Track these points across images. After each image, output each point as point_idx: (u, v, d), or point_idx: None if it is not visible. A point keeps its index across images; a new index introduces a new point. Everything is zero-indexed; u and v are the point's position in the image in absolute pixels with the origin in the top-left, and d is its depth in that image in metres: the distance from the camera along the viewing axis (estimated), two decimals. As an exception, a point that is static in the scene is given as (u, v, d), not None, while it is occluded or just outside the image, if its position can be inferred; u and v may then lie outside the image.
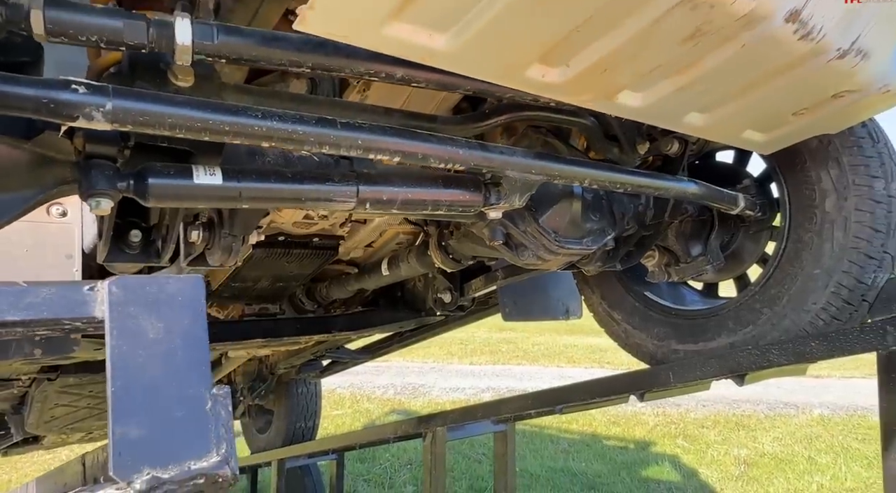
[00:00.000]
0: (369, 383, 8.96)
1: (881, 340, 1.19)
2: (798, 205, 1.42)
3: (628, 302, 1.81)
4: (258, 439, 4.01)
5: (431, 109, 1.28)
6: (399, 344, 2.93)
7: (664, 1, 0.69)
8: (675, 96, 0.92)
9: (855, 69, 0.93)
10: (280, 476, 3.30)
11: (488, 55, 0.74)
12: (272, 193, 0.81)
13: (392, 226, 1.84)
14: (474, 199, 1.01)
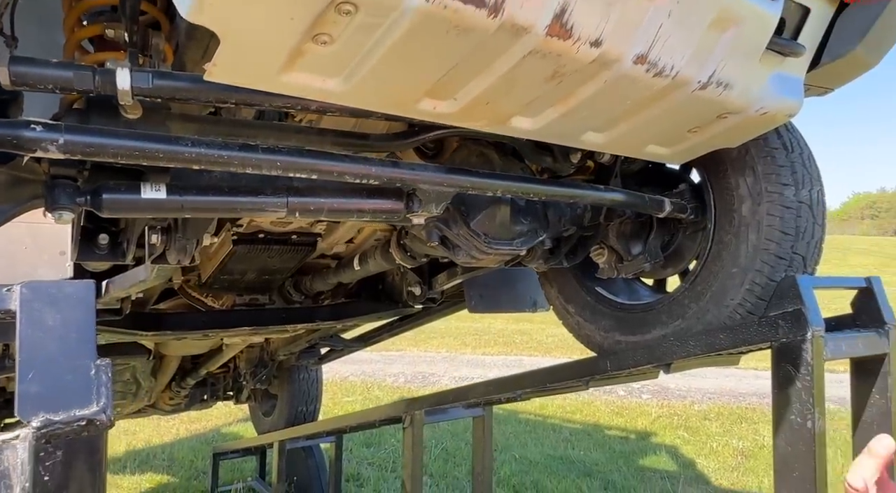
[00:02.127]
0: (381, 372, 9.21)
1: (774, 332, 1.31)
2: (721, 209, 1.54)
3: (581, 296, 1.95)
4: (264, 421, 4.25)
5: (385, 128, 1.43)
6: (388, 333, 3.11)
7: (517, 51, 0.83)
8: (563, 120, 1.06)
9: (721, 97, 1.05)
10: (281, 457, 3.52)
11: (379, 93, 0.89)
12: (210, 204, 0.97)
13: (369, 224, 2.00)
14: (396, 207, 1.16)
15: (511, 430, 6.41)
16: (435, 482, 4.69)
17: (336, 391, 7.90)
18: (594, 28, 0.83)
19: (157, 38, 1.00)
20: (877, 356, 1.41)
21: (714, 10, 0.90)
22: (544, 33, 0.81)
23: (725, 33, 0.95)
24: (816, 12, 1.10)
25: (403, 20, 0.74)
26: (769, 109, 1.14)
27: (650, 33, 0.88)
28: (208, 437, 6.26)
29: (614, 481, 4.86)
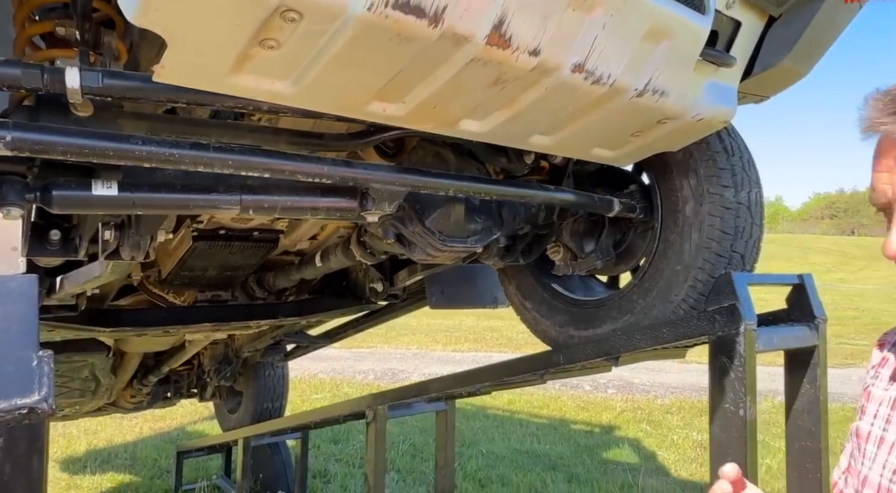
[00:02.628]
0: (350, 369, 9.20)
1: (711, 326, 1.39)
2: (667, 209, 1.62)
3: (538, 292, 2.01)
4: (229, 419, 4.23)
5: (345, 129, 1.46)
6: (354, 330, 3.13)
7: (459, 59, 0.88)
8: (510, 124, 1.11)
9: (658, 104, 1.12)
10: (246, 454, 3.51)
11: (328, 96, 0.92)
12: (163, 202, 0.99)
13: (332, 221, 2.02)
14: (350, 205, 1.20)
15: (479, 425, 6.49)
16: (402, 478, 4.73)
17: (305, 388, 7.87)
18: (532, 38, 0.88)
19: (109, 37, 1.01)
20: (807, 348, 1.50)
21: (646, 22, 0.96)
22: (484, 42, 0.85)
23: (659, 45, 1.01)
24: (747, 25, 1.17)
25: (347, 28, 0.77)
26: (705, 115, 1.21)
27: (586, 44, 0.93)
28: (172, 435, 6.18)
29: (578, 474, 4.97)
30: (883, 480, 0.69)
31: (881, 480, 0.69)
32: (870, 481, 0.71)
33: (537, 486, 4.61)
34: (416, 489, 4.42)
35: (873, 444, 0.72)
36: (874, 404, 0.76)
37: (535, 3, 0.85)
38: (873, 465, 0.71)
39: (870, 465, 0.72)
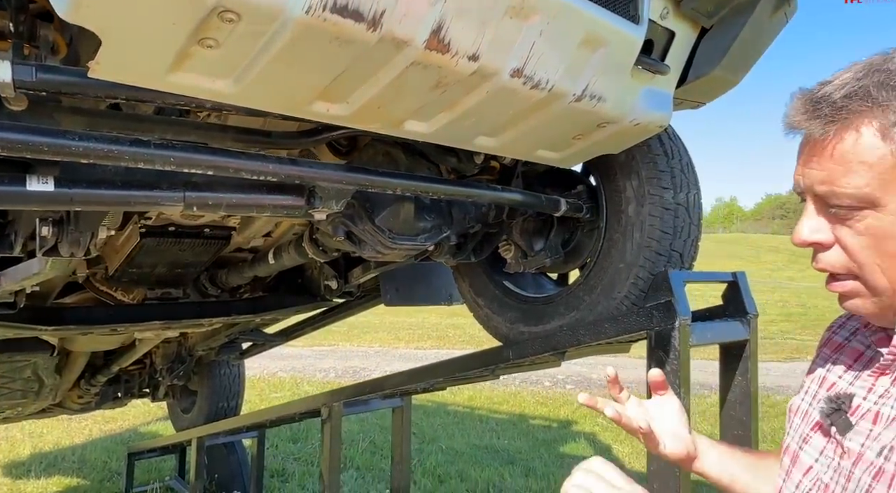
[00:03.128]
0: (311, 367, 9.11)
1: (649, 322, 1.45)
2: (611, 209, 1.68)
3: (490, 290, 2.05)
4: (182, 419, 4.14)
5: (295, 126, 1.46)
6: (311, 327, 3.12)
7: (400, 62, 0.90)
8: (454, 125, 1.14)
9: (597, 108, 1.16)
10: (199, 454, 3.45)
11: (270, 95, 0.93)
12: (102, 198, 0.98)
13: (284, 219, 2.01)
14: (297, 203, 1.20)
15: (439, 422, 6.53)
16: (361, 475, 4.73)
17: (264, 387, 7.76)
18: (471, 44, 0.91)
19: (46, 30, 0.99)
20: (739, 342, 1.58)
21: (582, 31, 1.00)
22: (423, 47, 0.87)
23: (595, 52, 1.06)
24: (681, 36, 1.23)
25: (286, 30, 0.78)
26: (642, 120, 1.27)
27: (524, 50, 0.97)
28: (124, 437, 6.01)
29: (535, 468, 5.06)
30: (797, 447, 0.75)
31: (796, 448, 0.75)
32: (789, 449, 0.77)
33: (495, 481, 4.68)
34: (374, 486, 4.43)
35: (799, 416, 0.78)
36: (808, 382, 0.81)
37: (473, 10, 0.88)
38: (794, 434, 0.77)
39: (793, 434, 0.78)
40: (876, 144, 0.59)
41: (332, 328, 12.13)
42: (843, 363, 0.76)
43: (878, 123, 0.58)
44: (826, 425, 0.70)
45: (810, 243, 0.64)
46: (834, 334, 0.83)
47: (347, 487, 4.44)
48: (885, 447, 0.61)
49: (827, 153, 0.61)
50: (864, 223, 0.60)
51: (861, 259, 0.61)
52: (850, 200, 0.60)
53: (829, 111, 0.60)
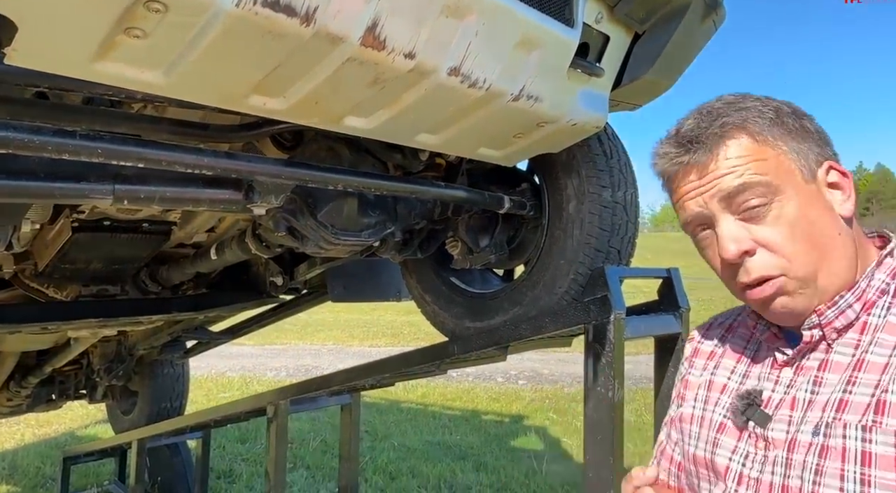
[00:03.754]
0: (262, 366, 8.94)
1: (587, 316, 1.50)
2: (553, 207, 1.72)
3: (437, 286, 2.07)
4: (123, 421, 4.00)
5: (237, 120, 1.43)
6: (258, 324, 3.06)
7: (336, 58, 0.90)
8: (395, 122, 1.15)
9: (534, 108, 1.19)
10: (140, 456, 3.34)
11: (204, 88, 0.92)
12: (21, 190, 0.94)
13: (226, 213, 1.97)
14: (235, 197, 1.19)
15: (392, 419, 6.52)
16: (311, 474, 4.68)
17: (212, 387, 7.57)
18: (407, 41, 0.92)
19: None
20: (672, 336, 1.65)
21: (517, 32, 1.03)
22: (359, 43, 0.88)
23: (531, 53, 1.09)
24: (615, 39, 1.28)
25: (217, 22, 0.77)
26: (579, 120, 1.31)
27: (461, 49, 0.99)
28: (60, 441, 5.74)
29: (486, 462, 5.13)
30: (706, 453, 0.78)
31: (704, 454, 0.78)
32: (697, 457, 0.79)
33: (446, 476, 4.71)
34: (324, 485, 4.39)
35: (696, 424, 0.81)
36: (692, 391, 0.85)
37: (409, 8, 0.89)
38: (698, 442, 0.80)
39: (695, 443, 0.80)
40: (755, 145, 0.68)
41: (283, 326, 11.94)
42: (727, 367, 0.81)
43: (746, 132, 0.69)
44: (741, 422, 0.73)
45: (742, 253, 0.67)
46: (700, 345, 0.89)
47: (297, 486, 4.38)
48: (819, 426, 0.65)
49: (722, 166, 0.68)
50: (774, 214, 0.66)
51: (786, 250, 0.66)
52: (758, 194, 0.66)
53: (705, 138, 0.69)
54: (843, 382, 0.65)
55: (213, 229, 2.19)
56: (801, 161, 0.68)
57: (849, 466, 0.61)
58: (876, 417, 0.61)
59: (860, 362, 0.65)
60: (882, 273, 0.69)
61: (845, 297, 0.68)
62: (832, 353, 0.69)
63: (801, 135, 0.69)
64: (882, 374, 0.63)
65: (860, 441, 0.61)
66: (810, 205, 0.67)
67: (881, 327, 0.66)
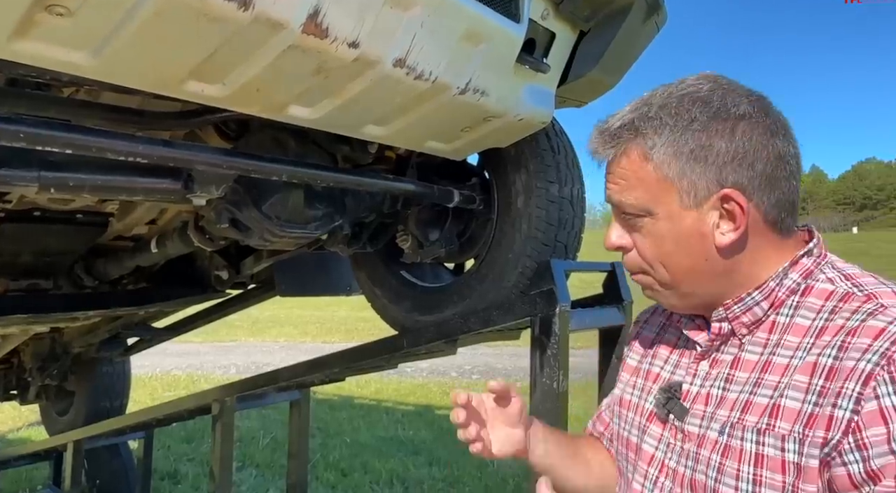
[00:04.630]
0: (210, 364, 8.69)
1: (533, 308, 1.53)
2: (502, 202, 1.74)
3: (387, 280, 2.06)
4: (58, 422, 3.81)
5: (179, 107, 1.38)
6: (203, 320, 2.97)
7: (277, 44, 0.88)
8: (340, 113, 1.13)
9: (481, 102, 1.20)
10: (77, 459, 3.20)
11: (136, 71, 0.88)
12: (-65, 175, 0.89)
13: (164, 203, 1.90)
14: (173, 187, 1.15)
15: (345, 415, 6.47)
16: (260, 473, 4.59)
17: (156, 386, 7.31)
18: (350, 31, 0.91)
19: None
20: (616, 328, 1.70)
21: (463, 25, 1.03)
22: (300, 30, 0.86)
23: (477, 47, 1.09)
24: (561, 37, 1.30)
25: (147, 2, 0.74)
26: (525, 115, 1.33)
27: (406, 41, 0.98)
28: (-10, 445, 5.43)
29: (440, 457, 5.15)
30: (637, 440, 0.81)
31: (636, 440, 0.82)
32: (629, 442, 0.83)
33: (399, 471, 4.71)
34: (274, 484, 4.31)
35: (631, 410, 0.85)
36: (631, 376, 0.89)
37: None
38: (631, 428, 0.83)
39: (628, 428, 0.84)
40: (642, 164, 0.70)
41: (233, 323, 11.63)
42: (661, 356, 0.84)
43: (640, 148, 0.70)
44: (663, 414, 0.76)
45: (616, 247, 0.74)
46: (642, 330, 0.92)
47: (246, 485, 4.29)
48: (724, 425, 0.67)
49: (616, 173, 0.72)
50: (646, 228, 0.71)
51: (648, 258, 0.72)
52: (633, 210, 0.71)
53: (610, 139, 0.72)
54: (751, 383, 0.67)
55: (154, 221, 2.11)
56: (685, 187, 0.67)
57: (744, 466, 0.64)
58: (770, 420, 0.63)
59: (767, 363, 0.67)
60: (795, 273, 0.69)
61: (752, 294, 0.69)
62: (744, 351, 0.70)
63: (701, 157, 0.67)
64: (782, 376, 0.65)
65: (755, 444, 0.64)
66: (679, 230, 0.69)
67: (787, 327, 0.67)
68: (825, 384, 0.61)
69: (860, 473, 0.57)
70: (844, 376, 0.59)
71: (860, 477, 0.57)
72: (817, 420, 0.60)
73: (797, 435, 0.61)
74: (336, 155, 1.64)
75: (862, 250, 41.07)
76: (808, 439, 0.60)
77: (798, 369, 0.64)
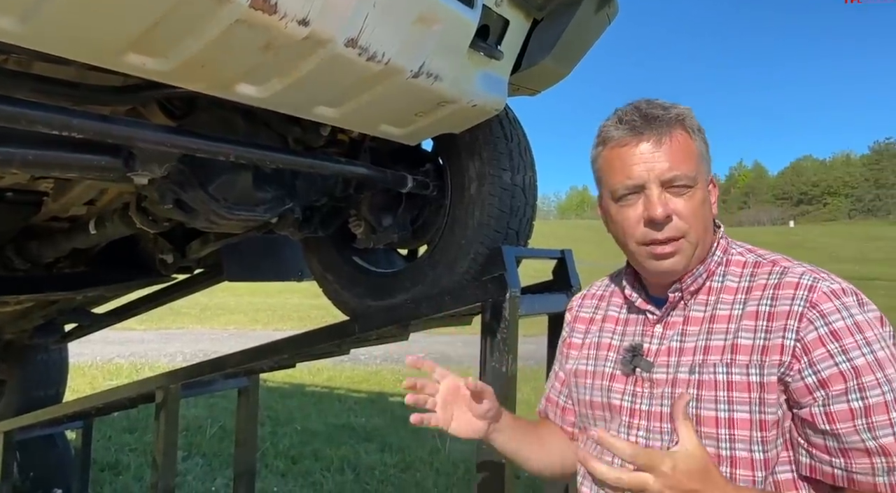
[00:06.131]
0: (155, 352, 8.41)
1: (484, 294, 1.54)
2: (455, 188, 1.74)
3: (339, 265, 2.04)
4: (-13, 412, 3.62)
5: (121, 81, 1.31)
6: (146, 306, 2.87)
7: (224, 18, 0.85)
8: (290, 92, 1.11)
9: (434, 86, 1.20)
10: (7, 450, 3.05)
11: (69, 40, 0.84)
12: None
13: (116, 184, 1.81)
14: (112, 164, 1.10)
15: (296, 403, 6.39)
16: (207, 462, 4.49)
17: (97, 375, 7.03)
18: (300, 8, 0.89)
19: None
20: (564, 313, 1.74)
21: (416, 8, 1.02)
22: (248, 5, 0.84)
23: (430, 30, 1.09)
24: (514, 24, 1.31)
25: (81, -35, 0.71)
26: (478, 102, 1.33)
27: (358, 20, 0.97)
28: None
29: (392, 443, 5.17)
30: (602, 398, 0.95)
31: (601, 399, 0.96)
32: (594, 402, 0.97)
33: (350, 458, 4.70)
34: (222, 473, 4.23)
35: (590, 378, 0.99)
36: (579, 351, 1.04)
37: (302, -27, 0.86)
38: (593, 391, 0.97)
39: (590, 392, 0.98)
40: (691, 142, 0.87)
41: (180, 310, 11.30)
42: (607, 329, 1.00)
43: (688, 132, 0.88)
44: (628, 370, 0.93)
45: (666, 216, 0.85)
46: (579, 312, 1.08)
47: (192, 475, 4.20)
48: (693, 366, 0.86)
49: (671, 149, 0.86)
50: (689, 195, 0.86)
51: (691, 220, 0.87)
52: (685, 180, 0.86)
53: (664, 123, 0.86)
54: (704, 332, 0.88)
55: (93, 202, 2.01)
56: (706, 167, 0.89)
57: (719, 393, 0.83)
58: (732, 356, 0.84)
59: (712, 316, 0.88)
60: (719, 251, 0.92)
61: (698, 269, 0.90)
62: (689, 311, 0.90)
63: (707, 146, 0.90)
64: (728, 323, 0.86)
65: (725, 374, 0.83)
66: (705, 199, 0.89)
67: (721, 289, 0.90)
68: (768, 324, 0.82)
69: (814, 383, 0.78)
70: (784, 316, 0.81)
71: (814, 386, 0.78)
72: (769, 349, 0.81)
73: (756, 362, 0.82)
74: (287, 137, 1.61)
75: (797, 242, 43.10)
76: (766, 363, 0.81)
77: (742, 316, 0.85)
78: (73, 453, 3.62)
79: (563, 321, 1.12)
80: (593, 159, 0.94)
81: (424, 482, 4.25)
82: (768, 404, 0.81)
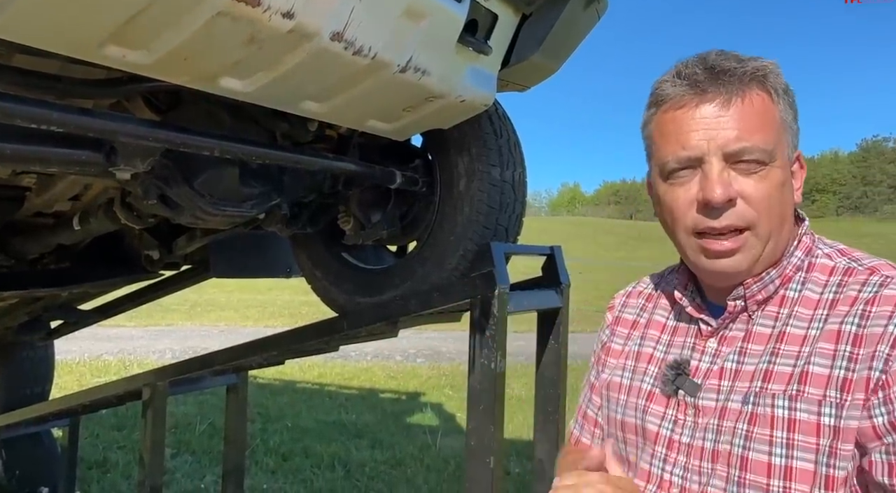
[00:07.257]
0: (144, 349, 8.35)
1: (473, 290, 1.54)
2: (444, 184, 1.73)
3: (328, 261, 2.02)
4: (-28, 410, 3.57)
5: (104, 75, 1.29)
6: (133, 303, 2.84)
7: (206, 10, 0.84)
8: (276, 86, 1.09)
9: (422, 81, 1.19)
10: (-7, 448, 3.01)
11: (46, 30, 0.82)
12: None
13: (99, 180, 1.78)
14: (94, 159, 1.08)
15: (287, 400, 6.37)
16: (197, 459, 4.47)
17: (84, 372, 6.97)
18: (284, 0, 0.87)
19: None
20: (554, 310, 1.74)
21: (403, 1, 1.01)
22: (230, -4, 0.82)
23: (418, 24, 1.07)
24: (503, 19, 1.30)
25: (57, -46, 0.69)
26: (467, 97, 1.32)
27: (344, 14, 0.95)
28: None
29: (382, 439, 5.17)
30: (636, 420, 0.80)
31: (634, 421, 0.80)
32: (626, 424, 0.81)
33: (341, 454, 4.70)
34: (211, 470, 4.21)
35: (624, 393, 0.83)
36: (617, 359, 0.87)
37: (285, -36, 0.84)
38: (626, 410, 0.82)
39: (623, 410, 0.82)
40: (770, 106, 0.68)
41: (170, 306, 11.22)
42: (651, 337, 0.83)
43: (767, 92, 0.69)
44: (669, 391, 0.75)
45: (728, 199, 0.67)
46: (621, 313, 0.91)
47: (181, 472, 4.18)
48: (748, 395, 0.68)
49: (741, 114, 0.67)
50: (762, 174, 0.67)
51: (761, 206, 0.67)
52: (758, 154, 0.67)
53: (737, 80, 0.67)
54: (768, 353, 0.69)
55: (77, 197, 1.98)
56: (790, 140, 0.71)
57: (777, 432, 0.65)
58: (800, 386, 0.65)
59: (782, 334, 0.69)
60: (799, 251, 0.73)
61: (770, 273, 0.71)
62: (754, 325, 0.72)
63: (795, 113, 0.72)
64: (802, 346, 0.67)
65: (787, 410, 0.65)
66: (785, 180, 0.70)
67: (797, 300, 0.70)
68: (854, 350, 0.63)
69: (884, 425, 0.60)
70: (875, 341, 0.62)
71: (884, 428, 0.60)
72: (854, 385, 0.62)
73: (833, 400, 0.63)
74: (274, 132, 1.59)
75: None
76: (847, 402, 0.62)
77: (819, 338, 0.66)
78: (59, 451, 3.59)
79: (602, 322, 0.96)
80: (643, 126, 0.76)
81: (415, 479, 4.26)
82: (841, 458, 0.62)
